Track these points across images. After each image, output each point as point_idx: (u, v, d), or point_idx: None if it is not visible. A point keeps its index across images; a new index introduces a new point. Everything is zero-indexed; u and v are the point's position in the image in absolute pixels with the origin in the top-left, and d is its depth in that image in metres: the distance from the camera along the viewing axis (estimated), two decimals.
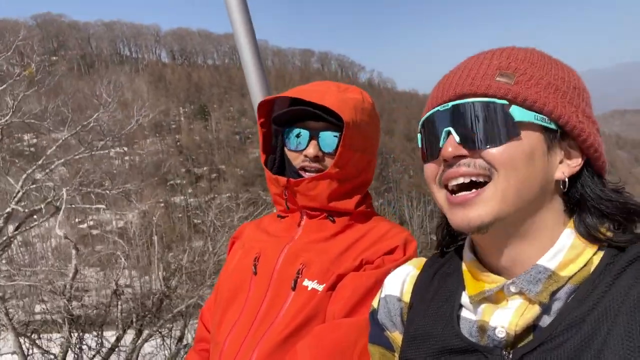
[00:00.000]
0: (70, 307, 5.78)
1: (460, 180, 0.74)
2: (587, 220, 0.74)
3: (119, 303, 6.89)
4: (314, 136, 1.31)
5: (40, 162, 13.57)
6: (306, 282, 1.25)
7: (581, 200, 0.76)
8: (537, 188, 0.73)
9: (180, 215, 60.05)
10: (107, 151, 12.82)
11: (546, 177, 0.74)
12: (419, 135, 0.81)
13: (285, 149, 1.38)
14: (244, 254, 1.38)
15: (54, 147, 13.55)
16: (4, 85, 11.24)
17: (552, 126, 0.74)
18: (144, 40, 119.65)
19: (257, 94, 1.78)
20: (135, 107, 13.67)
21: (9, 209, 11.72)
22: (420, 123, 0.80)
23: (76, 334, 5.92)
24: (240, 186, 68.43)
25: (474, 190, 0.73)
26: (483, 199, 0.72)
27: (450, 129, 0.74)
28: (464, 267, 0.85)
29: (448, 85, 0.77)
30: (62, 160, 13.29)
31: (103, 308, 7.23)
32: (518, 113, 0.72)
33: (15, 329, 5.59)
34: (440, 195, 0.77)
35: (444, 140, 0.75)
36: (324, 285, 1.24)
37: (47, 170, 13.26)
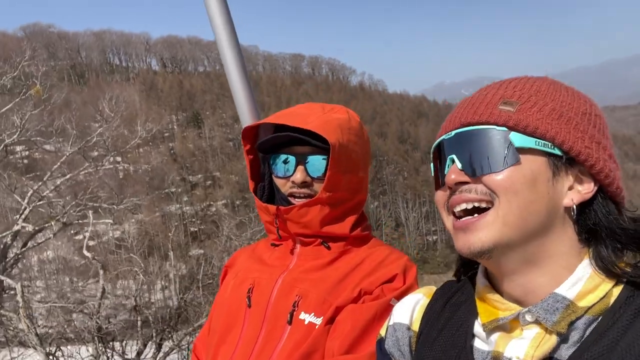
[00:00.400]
0: (100, 326, 5.97)
1: (464, 206, 0.75)
2: (603, 253, 0.73)
3: (139, 318, 7.09)
4: (300, 161, 1.28)
5: (45, 178, 13.75)
6: (303, 316, 1.21)
7: (595, 229, 0.75)
8: (542, 214, 0.73)
9: (176, 223, 60.00)
10: (112, 166, 13.02)
11: (553, 204, 0.73)
12: (431, 165, 0.83)
13: (273, 176, 1.35)
14: (237, 284, 1.34)
15: (58, 164, 13.74)
16: (10, 105, 11.42)
17: (557, 152, 0.74)
18: (134, 49, 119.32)
19: (245, 114, 1.70)
20: (139, 122, 13.90)
21: (17, 227, 11.90)
22: (431, 152, 0.83)
23: (102, 348, 6.10)
24: (235, 193, 68.46)
25: (476, 215, 0.74)
26: (484, 223, 0.73)
27: (453, 156, 0.76)
28: (476, 293, 0.84)
29: (455, 116, 0.80)
30: (68, 177, 13.49)
31: (122, 323, 7.42)
32: (518, 139, 0.73)
33: (43, 346, 5.79)
34: (448, 221, 0.79)
35: (448, 167, 0.77)
36: (322, 318, 1.20)
37: (53, 187, 13.44)
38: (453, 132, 0.78)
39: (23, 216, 12.86)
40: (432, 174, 0.83)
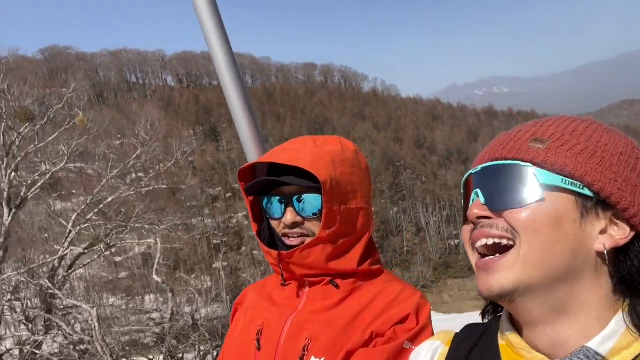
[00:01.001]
0: (171, 345, 6.40)
1: (484, 241, 0.73)
2: (638, 309, 0.68)
3: (197, 335, 7.52)
4: (289, 202, 1.25)
5: (89, 201, 14.41)
6: None
7: (632, 280, 0.70)
8: (566, 256, 0.69)
9: (199, 237, 60.94)
10: (151, 187, 13.63)
11: (580, 247, 0.69)
12: (462, 200, 0.82)
13: (269, 218, 1.33)
14: (247, 324, 1.32)
15: (100, 187, 14.39)
16: (56, 134, 12.13)
17: (587, 193, 0.70)
18: (150, 67, 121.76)
19: (249, 144, 1.66)
20: (175, 145, 14.51)
21: (67, 251, 12.53)
22: (461, 186, 0.82)
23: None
24: None
25: (498, 255, 0.72)
26: (505, 264, 0.70)
27: (478, 190, 0.75)
28: (501, 340, 0.80)
29: (486, 151, 0.79)
30: (110, 199, 14.13)
31: (174, 334, 7.81)
32: (543, 176, 0.70)
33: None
34: (473, 259, 0.76)
35: (472, 201, 0.76)
36: None
37: (96, 210, 14.09)
38: (480, 167, 0.76)
39: (69, 239, 13.52)
40: (463, 208, 0.81)
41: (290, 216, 1.24)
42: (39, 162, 11.97)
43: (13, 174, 12.19)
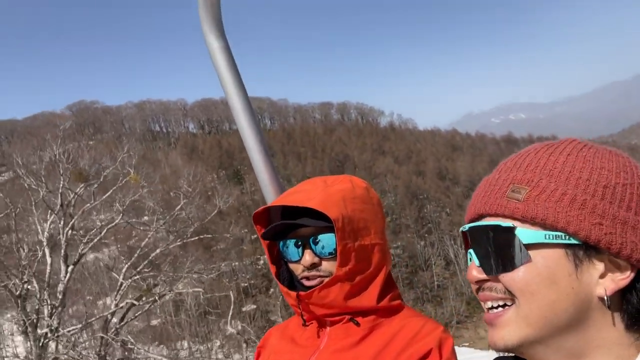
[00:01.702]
0: None
1: (489, 305, 0.72)
2: None
3: None
4: (306, 244, 1.26)
5: (137, 254, 14.94)
6: None
7: None
8: (569, 311, 0.66)
9: (227, 280, 61.06)
10: (195, 238, 14.15)
11: (581, 298, 0.67)
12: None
13: (287, 261, 1.34)
14: None
15: (147, 239, 14.96)
16: (109, 192, 12.83)
17: (574, 241, 0.67)
18: (172, 115, 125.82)
19: (267, 187, 1.66)
20: (217, 195, 15.10)
21: (123, 303, 12.98)
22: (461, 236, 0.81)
23: None
24: None
25: (500, 309, 0.71)
26: (504, 321, 0.69)
27: (471, 251, 0.74)
28: None
29: (472, 202, 0.77)
30: (158, 251, 14.66)
31: None
32: (525, 235, 0.67)
33: None
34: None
35: (469, 261, 0.75)
36: None
37: (146, 262, 14.60)
38: (468, 226, 0.75)
39: (121, 292, 13.99)
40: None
41: (308, 257, 1.26)
42: (95, 219, 12.63)
43: (70, 231, 12.87)
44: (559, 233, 0.67)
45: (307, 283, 1.28)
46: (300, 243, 1.27)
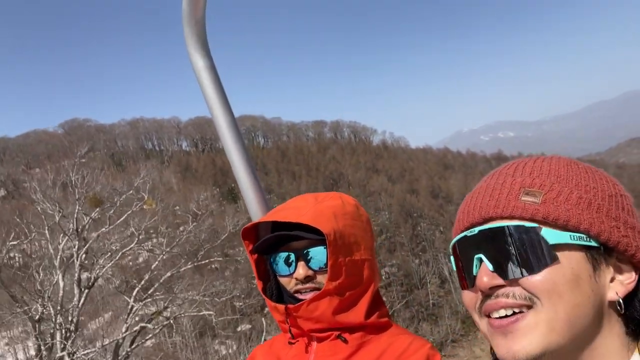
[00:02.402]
0: None
1: (503, 313, 0.68)
2: None
3: None
4: (299, 257, 1.26)
5: (147, 276, 15.11)
6: None
7: None
8: (590, 315, 0.66)
9: (222, 299, 60.51)
10: (207, 260, 14.35)
11: (599, 300, 0.67)
12: (451, 258, 0.77)
13: (277, 275, 1.33)
14: None
15: (156, 263, 15.15)
16: (124, 217, 13.07)
17: (593, 244, 0.67)
18: (166, 133, 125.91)
19: (253, 204, 1.68)
20: (227, 218, 15.37)
21: (137, 327, 13.11)
22: (450, 247, 0.77)
23: None
24: None
25: (514, 315, 0.67)
26: (524, 328, 0.66)
27: (482, 256, 0.69)
28: None
29: (472, 208, 0.74)
30: (169, 274, 14.84)
31: None
32: (551, 235, 0.66)
33: None
34: (483, 324, 0.72)
35: (476, 267, 0.70)
36: None
37: (157, 284, 14.76)
38: (476, 229, 0.71)
39: (132, 315, 14.12)
40: (455, 271, 0.76)
41: (302, 270, 1.26)
42: (108, 243, 12.86)
43: (84, 255, 13.06)
44: (582, 234, 0.67)
45: (300, 297, 1.28)
46: (292, 257, 1.27)
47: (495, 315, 0.69)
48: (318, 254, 1.25)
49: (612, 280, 0.68)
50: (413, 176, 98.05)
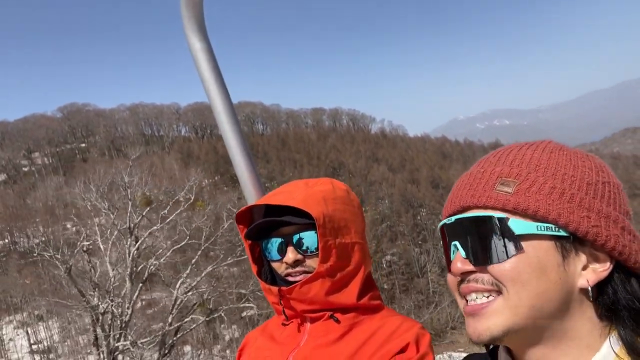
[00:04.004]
0: None
1: (474, 296, 0.73)
2: (622, 334, 0.69)
3: None
4: (289, 242, 1.30)
5: (187, 270, 16.03)
6: None
7: (616, 307, 0.70)
8: (556, 301, 0.69)
9: (225, 285, 61.32)
10: (246, 256, 15.14)
11: (567, 288, 0.70)
12: (440, 243, 0.81)
13: (269, 260, 1.36)
14: None
15: (196, 258, 16.06)
16: (173, 215, 13.89)
17: (563, 233, 0.70)
18: (166, 119, 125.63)
19: (248, 188, 1.68)
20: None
21: (188, 319, 14.05)
22: (438, 230, 0.81)
23: None
24: None
25: (484, 300, 0.72)
26: (491, 311, 0.70)
27: (457, 243, 0.74)
28: None
29: (454, 196, 0.78)
30: (210, 269, 15.73)
31: None
32: (518, 225, 0.70)
33: None
34: (461, 305, 0.76)
35: (453, 253, 0.75)
36: None
37: (199, 279, 15.68)
38: (454, 218, 0.75)
39: (177, 306, 15.08)
40: (443, 254, 0.80)
41: (291, 255, 1.29)
42: (160, 242, 13.71)
43: (136, 251, 13.93)
44: (550, 225, 0.70)
45: (291, 279, 1.31)
46: (282, 241, 1.31)
47: (469, 298, 0.73)
48: (308, 238, 1.29)
49: (584, 268, 0.71)
50: (413, 166, 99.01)
